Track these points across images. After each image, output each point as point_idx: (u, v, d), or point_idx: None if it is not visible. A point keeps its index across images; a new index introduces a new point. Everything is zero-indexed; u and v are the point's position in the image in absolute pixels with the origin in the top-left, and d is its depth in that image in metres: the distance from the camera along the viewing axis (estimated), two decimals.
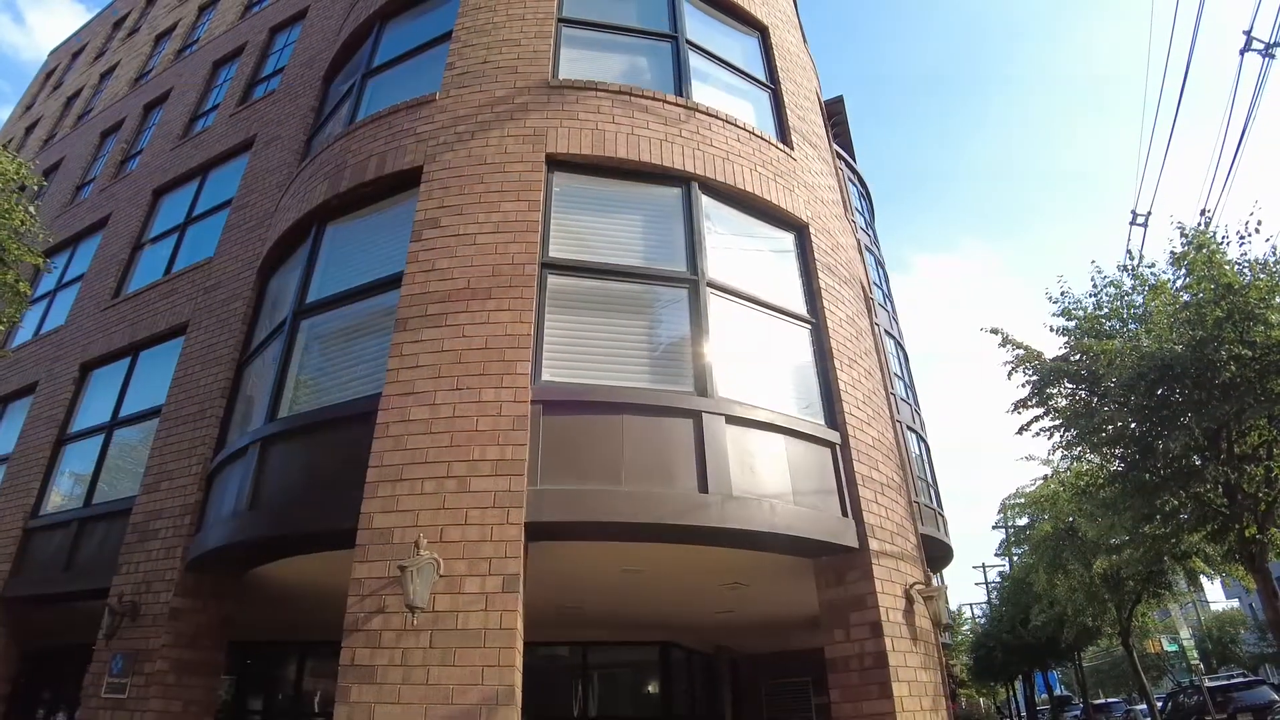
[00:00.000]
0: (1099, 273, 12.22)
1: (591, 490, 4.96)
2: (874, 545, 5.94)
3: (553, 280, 5.88)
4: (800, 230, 7.54)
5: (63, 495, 9.72)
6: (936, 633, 6.58)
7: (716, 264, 6.48)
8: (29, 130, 19.72)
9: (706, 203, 6.82)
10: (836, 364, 6.78)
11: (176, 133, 12.73)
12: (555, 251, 6.05)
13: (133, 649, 6.87)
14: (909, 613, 6.02)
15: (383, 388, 5.37)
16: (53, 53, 23.41)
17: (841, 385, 6.68)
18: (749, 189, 7.09)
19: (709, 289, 6.18)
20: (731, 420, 5.62)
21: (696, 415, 5.47)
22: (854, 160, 32.00)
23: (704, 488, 5.18)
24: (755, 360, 6.40)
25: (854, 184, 29.82)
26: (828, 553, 5.89)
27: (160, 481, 7.85)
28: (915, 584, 6.34)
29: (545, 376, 5.43)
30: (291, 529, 5.55)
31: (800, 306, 7.04)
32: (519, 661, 4.52)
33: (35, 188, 11.01)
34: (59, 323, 11.70)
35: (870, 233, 29.59)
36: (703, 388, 5.65)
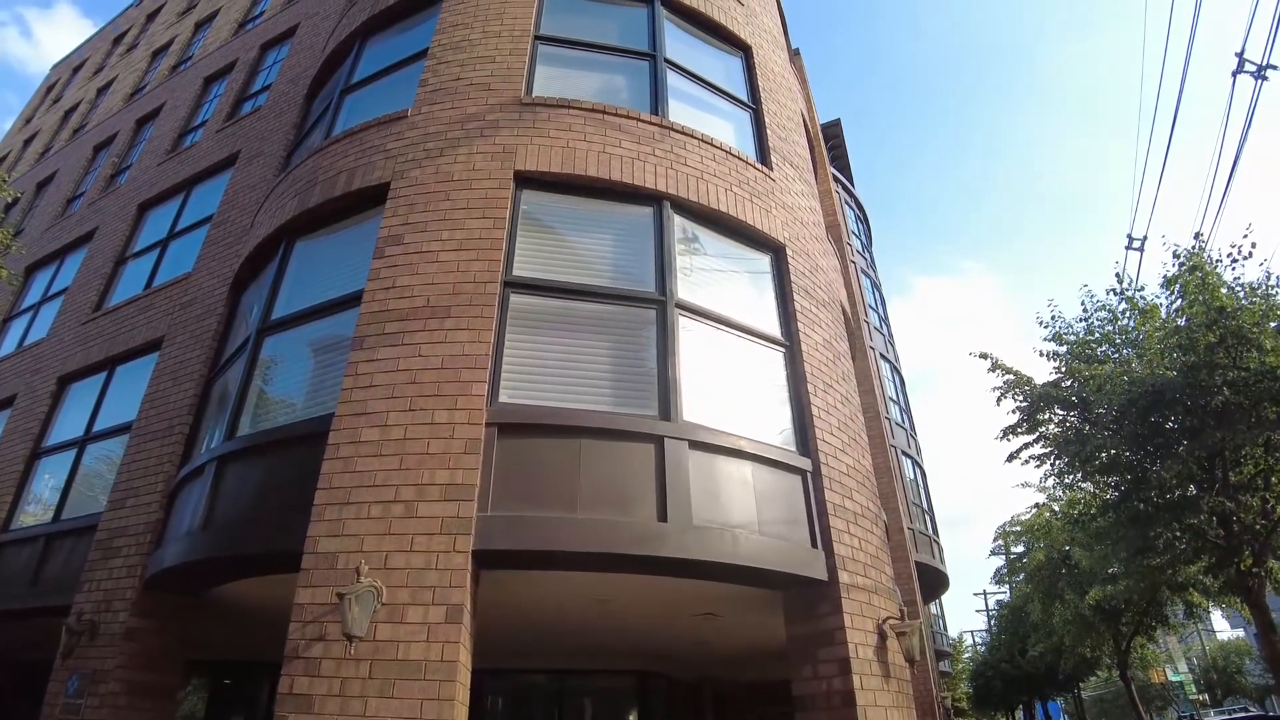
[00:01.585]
0: (1090, 296, 12.09)
1: (543, 517, 4.79)
2: (844, 578, 5.74)
3: (515, 299, 5.76)
4: (777, 251, 7.42)
5: (34, 510, 9.60)
6: (911, 669, 6.36)
7: (688, 285, 6.36)
8: (27, 143, 19.84)
9: (679, 222, 6.71)
10: (811, 388, 6.62)
11: (165, 148, 12.74)
12: (520, 270, 5.94)
13: (89, 669, 6.71)
14: (881, 649, 5.80)
15: (336, 407, 5.24)
16: (54, 67, 23.63)
17: (815, 410, 6.52)
18: (724, 209, 6.98)
19: (678, 310, 6.05)
20: (695, 445, 5.46)
21: (658, 440, 5.31)
22: (851, 184, 31.99)
23: (663, 516, 5.01)
24: (725, 384, 6.24)
25: (850, 207, 29.76)
26: (795, 585, 5.70)
27: (127, 498, 7.71)
28: (889, 618, 6.12)
29: (503, 398, 5.28)
30: (241, 550, 5.39)
31: (775, 329, 6.90)
32: (462, 695, 4.34)
33: (6, 196, 11.04)
34: (41, 335, 11.63)
35: (867, 256, 29.48)
36: (666, 411, 5.49)
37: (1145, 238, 13.48)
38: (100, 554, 7.49)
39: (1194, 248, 10.73)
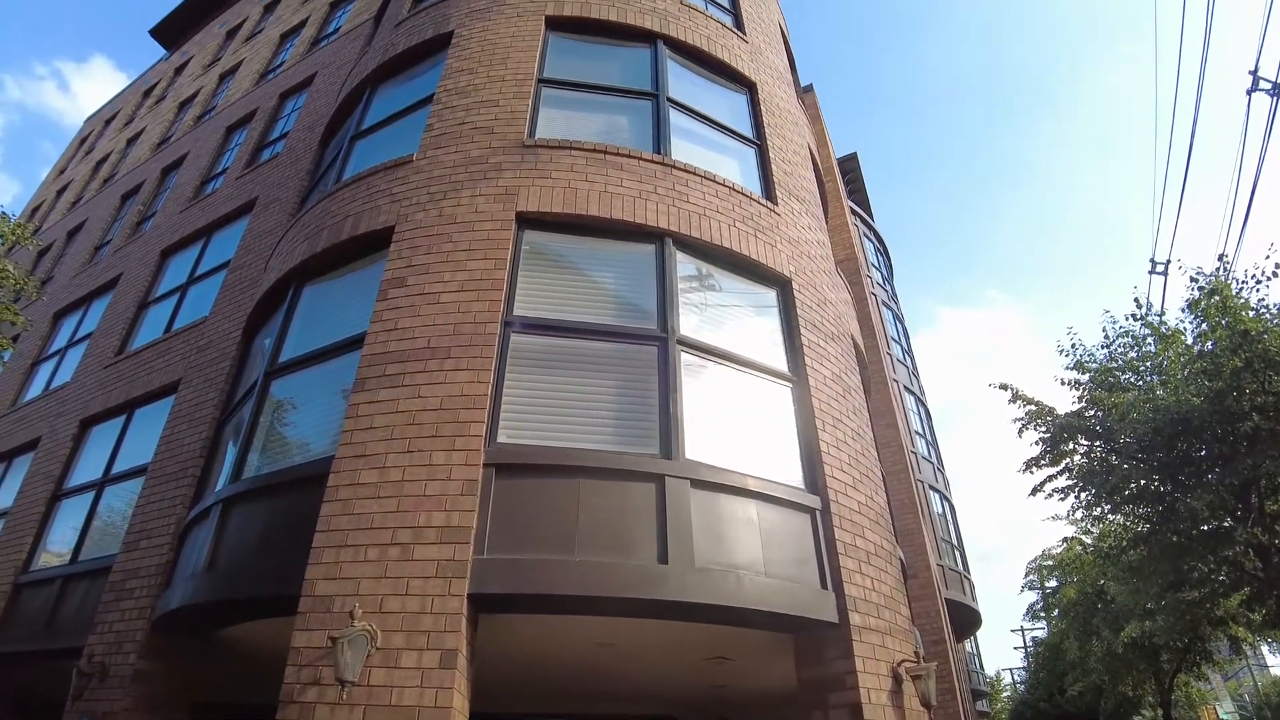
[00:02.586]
0: (1112, 322, 11.87)
1: (540, 560, 4.73)
2: (856, 620, 5.58)
3: (516, 339, 5.77)
4: (783, 285, 7.38)
5: (53, 551, 9.71)
6: (929, 714, 6.13)
7: (691, 321, 6.34)
8: (60, 193, 20.54)
9: (682, 259, 6.71)
10: (819, 424, 6.52)
11: (187, 195, 13.09)
12: (521, 309, 5.96)
13: (98, 711, 6.71)
14: (896, 693, 5.61)
15: (336, 450, 5.25)
16: (88, 119, 24.54)
17: (824, 446, 6.41)
18: (727, 244, 6.98)
19: (680, 346, 6.02)
20: (698, 484, 5.38)
21: (659, 479, 5.24)
22: (870, 216, 31.91)
23: (663, 558, 4.92)
24: (730, 421, 6.18)
25: (870, 240, 29.63)
26: (804, 628, 5.55)
27: (140, 540, 7.78)
28: (904, 661, 5.92)
29: (501, 438, 5.26)
30: (243, 593, 5.39)
31: (781, 364, 6.83)
32: None
33: (30, 246, 11.44)
34: (66, 379, 11.88)
35: (888, 288, 29.25)
36: (668, 450, 5.43)
37: (1169, 261, 13.31)
38: (113, 595, 7.53)
39: (1217, 269, 10.52)
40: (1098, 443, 11.06)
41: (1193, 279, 10.54)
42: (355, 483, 5.03)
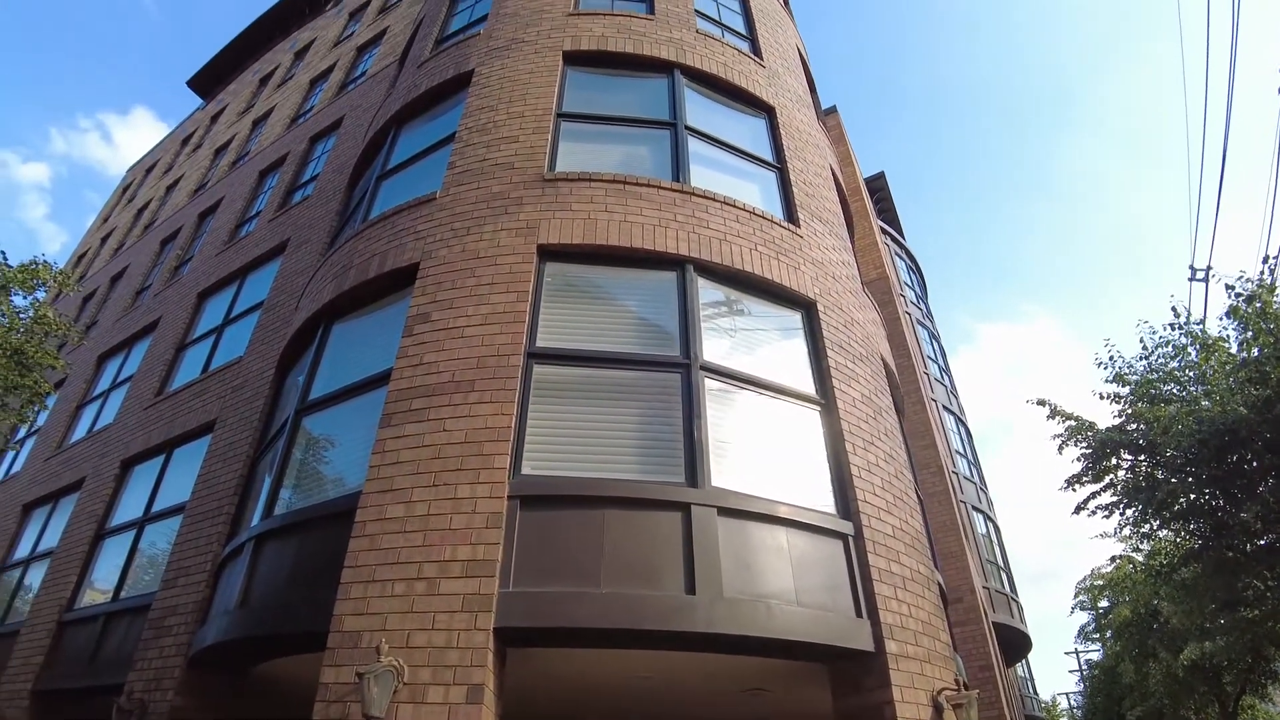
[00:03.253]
0: (1151, 332, 11.53)
1: (565, 593, 4.70)
2: (892, 647, 5.43)
3: (539, 370, 5.80)
4: (808, 307, 7.33)
5: (97, 588, 9.92)
6: None
7: (714, 346, 6.32)
8: (104, 240, 21.32)
9: (704, 284, 6.71)
10: (849, 447, 6.42)
11: (223, 239, 13.50)
12: (543, 341, 5.99)
13: None
14: None
15: (364, 485, 5.30)
16: (130, 169, 25.52)
17: (855, 470, 6.30)
18: (749, 268, 6.96)
19: (703, 372, 5.99)
20: (725, 512, 5.31)
21: (685, 508, 5.19)
22: (901, 235, 31.62)
23: (691, 588, 4.85)
24: (757, 446, 6.11)
25: (901, 258, 29.35)
26: (839, 658, 5.42)
27: (178, 577, 7.91)
28: (944, 689, 5.74)
29: (526, 470, 5.27)
30: (274, 629, 5.42)
31: (809, 387, 6.75)
32: None
33: (71, 292, 11.92)
34: (109, 420, 12.21)
35: (922, 306, 28.86)
36: (694, 478, 5.38)
37: (1209, 268, 12.88)
38: (153, 632, 7.65)
39: (1261, 273, 10.22)
40: (1142, 457, 10.72)
41: (1228, 286, 10.23)
42: (382, 518, 5.06)
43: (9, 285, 10.57)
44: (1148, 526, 11.47)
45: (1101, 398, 11.31)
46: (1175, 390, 10.94)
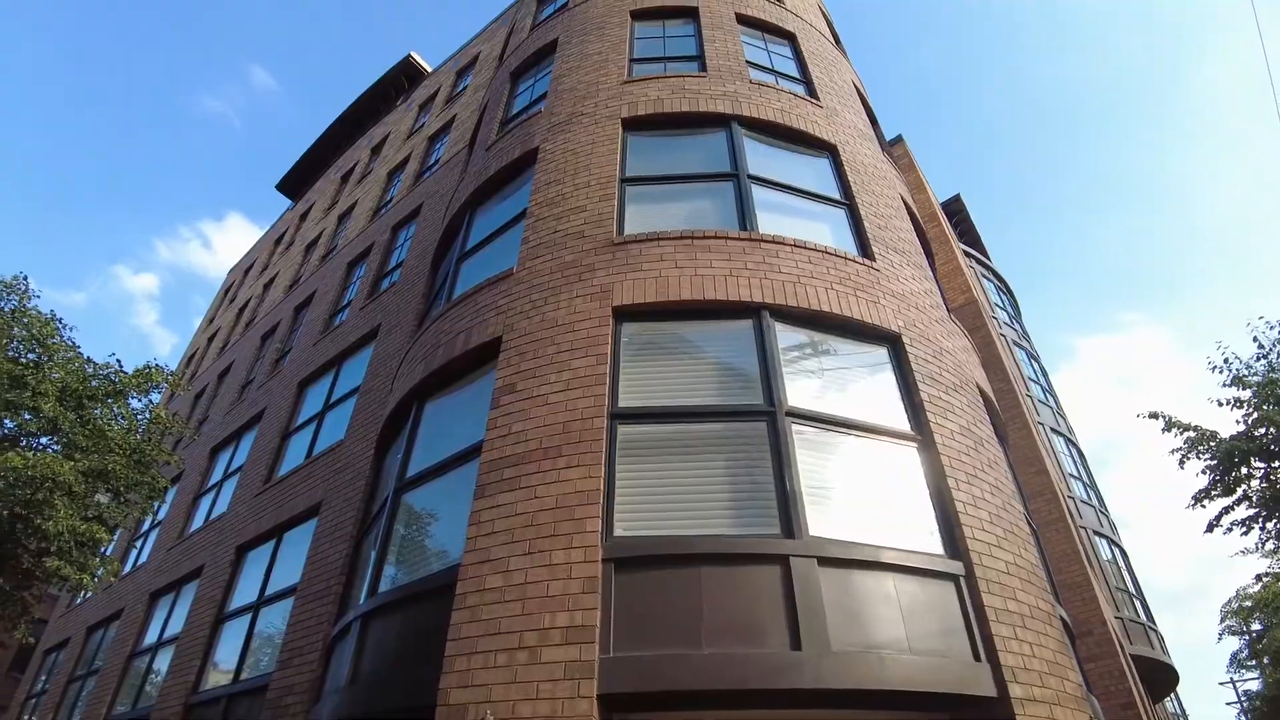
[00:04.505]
0: (1270, 327, 10.70)
1: (666, 656, 4.60)
2: (1016, 691, 5.07)
3: (623, 430, 5.83)
4: (893, 341, 7.15)
5: (220, 670, 10.34)
6: None
7: (798, 390, 6.22)
8: (210, 340, 22.93)
9: (782, 329, 6.66)
10: (952, 482, 6.15)
11: (318, 329, 14.30)
12: (625, 401, 6.05)
13: None
14: None
15: (462, 557, 5.39)
16: (230, 271, 27.54)
17: (960, 505, 6.01)
18: (826, 308, 6.88)
19: (789, 419, 5.89)
20: (825, 562, 5.14)
21: (784, 560, 5.05)
22: (986, 256, 30.71)
23: (796, 644, 4.68)
24: (854, 490, 5.92)
25: (989, 280, 28.42)
26: (959, 705, 5.08)
27: (293, 658, 8.17)
28: None
29: (618, 532, 5.26)
30: (383, 706, 5.51)
31: (902, 423, 6.54)
32: None
33: (183, 392, 12.84)
34: (223, 509, 12.91)
35: (1017, 327, 27.72)
36: (790, 528, 5.25)
37: None
38: (271, 713, 7.89)
39: None
40: (1276, 463, 9.85)
41: None
42: (481, 588, 5.13)
43: (125, 390, 11.49)
44: None
45: (1221, 404, 10.51)
46: None
